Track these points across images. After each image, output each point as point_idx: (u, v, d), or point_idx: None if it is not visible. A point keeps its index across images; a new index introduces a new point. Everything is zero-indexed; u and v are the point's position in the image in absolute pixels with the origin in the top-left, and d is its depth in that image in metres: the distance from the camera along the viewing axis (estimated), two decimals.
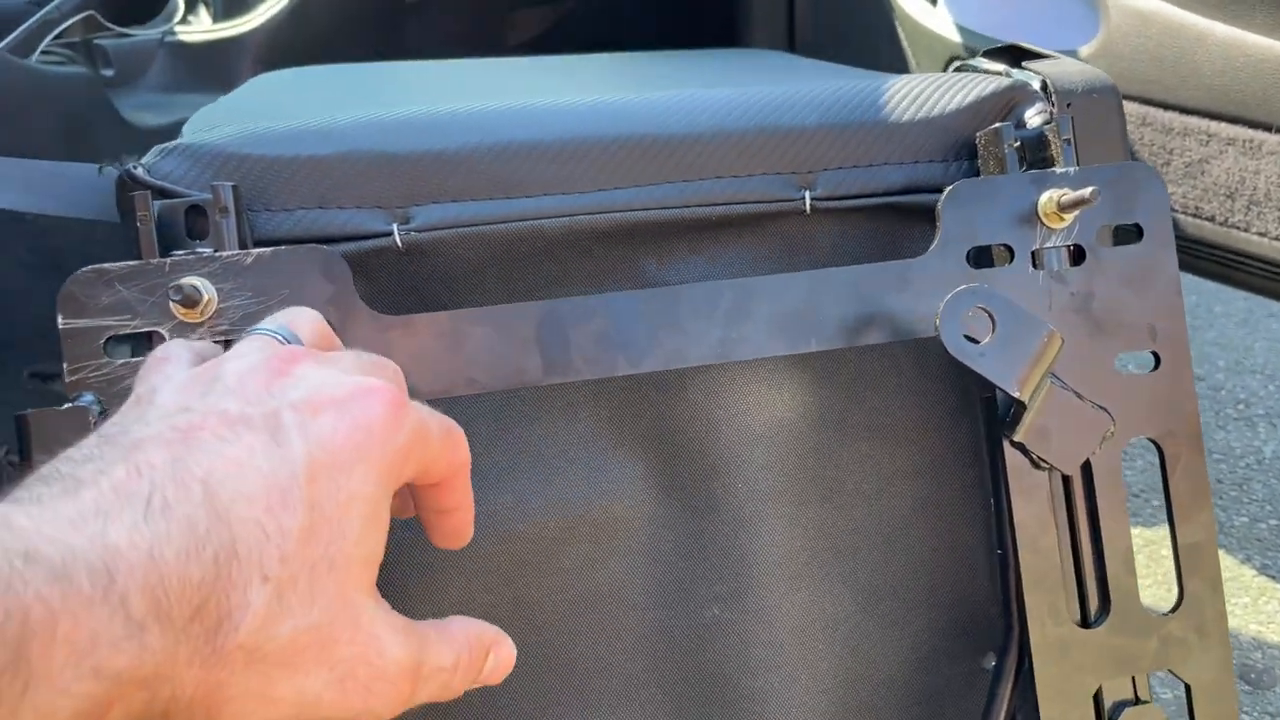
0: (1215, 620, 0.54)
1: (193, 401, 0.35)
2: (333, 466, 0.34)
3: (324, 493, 0.33)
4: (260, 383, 0.35)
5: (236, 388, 0.35)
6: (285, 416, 0.34)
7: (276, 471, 0.33)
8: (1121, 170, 0.53)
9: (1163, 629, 0.54)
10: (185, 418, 0.34)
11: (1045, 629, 0.53)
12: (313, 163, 0.51)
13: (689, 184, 0.54)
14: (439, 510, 0.40)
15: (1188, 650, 0.54)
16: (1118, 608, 0.53)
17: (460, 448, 0.39)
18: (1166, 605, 0.54)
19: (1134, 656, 0.53)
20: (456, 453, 0.39)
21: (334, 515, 0.34)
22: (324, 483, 0.33)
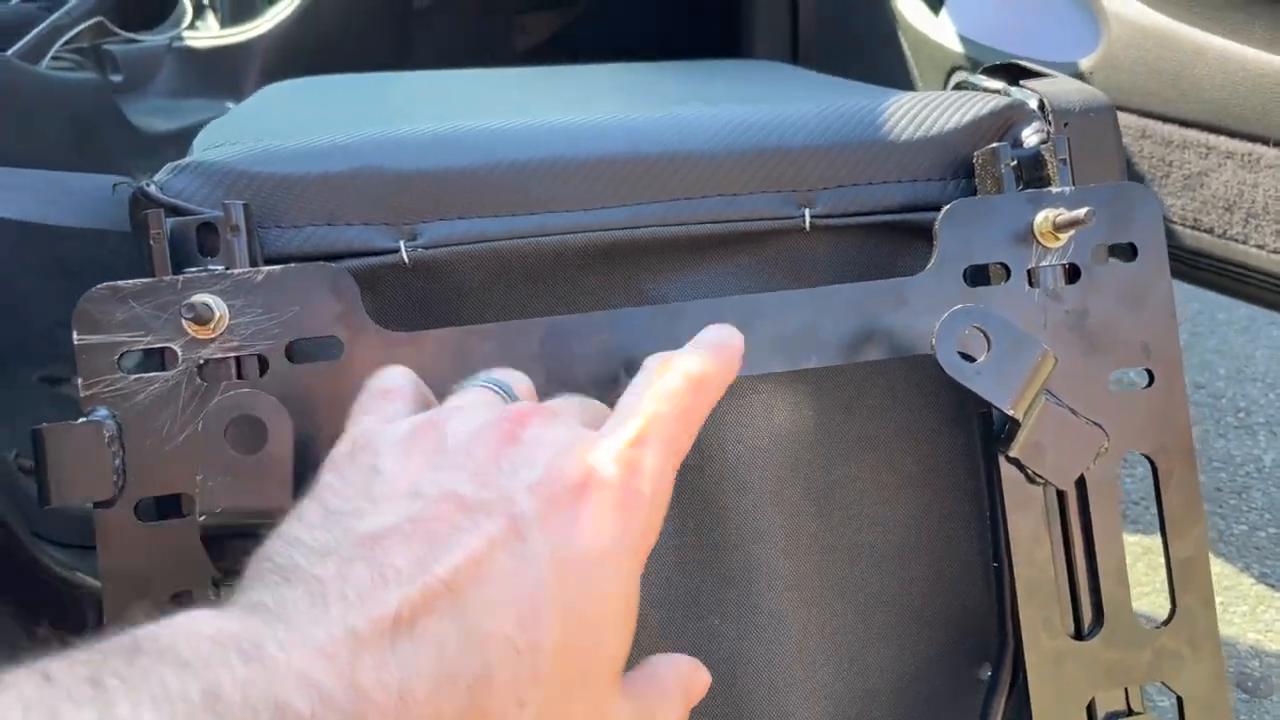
0: (1207, 633, 0.55)
1: (423, 479, 0.32)
2: (582, 563, 0.30)
3: (575, 595, 0.30)
4: (489, 453, 0.32)
5: (466, 460, 0.32)
6: (523, 503, 0.31)
7: (521, 573, 0.29)
8: (1117, 190, 0.54)
9: (1155, 641, 0.54)
10: (420, 506, 0.30)
11: (1040, 641, 0.54)
12: (321, 181, 0.52)
13: (691, 202, 0.55)
14: None
15: (1180, 663, 0.54)
16: (1111, 621, 0.54)
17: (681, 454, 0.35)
18: (1164, 614, 0.55)
19: (1127, 669, 0.54)
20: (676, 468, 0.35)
21: (589, 621, 0.30)
22: (574, 584, 0.30)
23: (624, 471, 0.32)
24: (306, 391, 0.47)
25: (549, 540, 0.30)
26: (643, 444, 0.33)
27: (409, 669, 0.27)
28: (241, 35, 1.72)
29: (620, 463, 0.32)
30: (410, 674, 0.27)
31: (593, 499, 0.31)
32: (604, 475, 0.32)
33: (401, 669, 0.27)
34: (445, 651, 0.28)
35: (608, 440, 0.34)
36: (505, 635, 0.29)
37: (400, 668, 0.27)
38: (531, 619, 0.29)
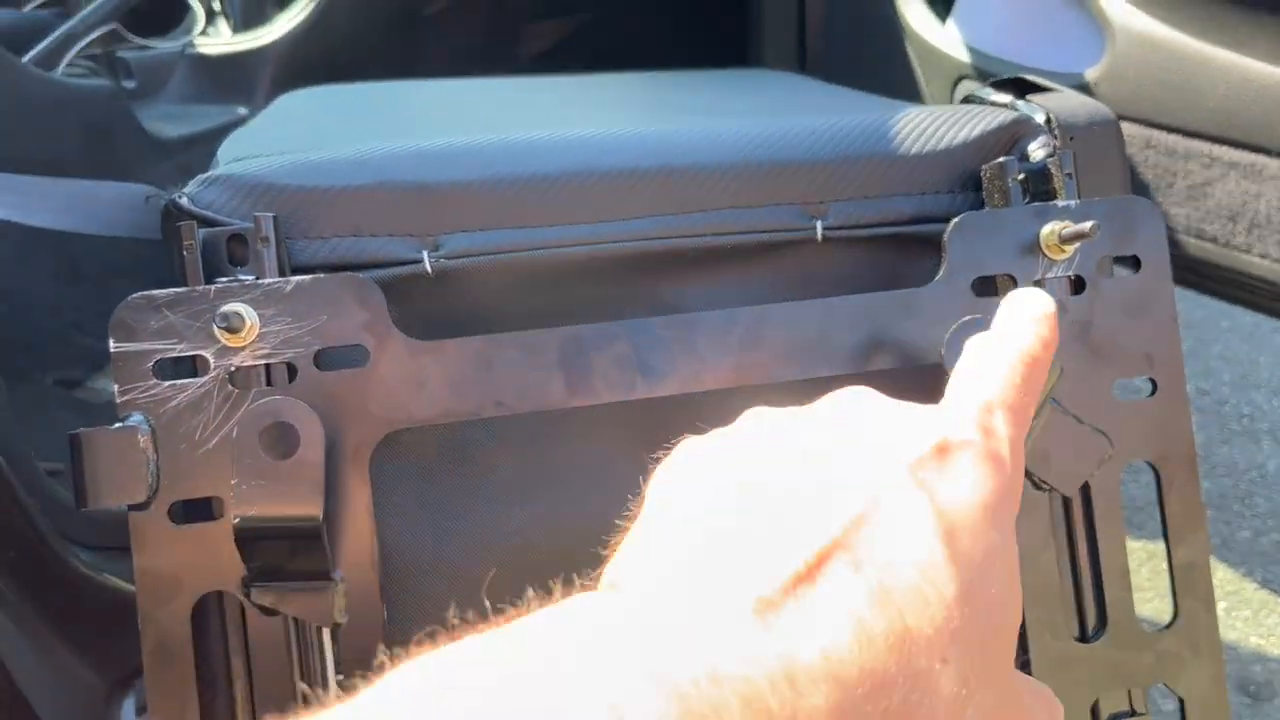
0: (1208, 636, 0.56)
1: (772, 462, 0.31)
2: (962, 516, 0.29)
3: (964, 547, 0.29)
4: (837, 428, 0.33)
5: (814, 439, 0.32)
6: (888, 467, 0.30)
7: (906, 527, 0.28)
8: (1121, 204, 0.56)
9: (1158, 644, 0.56)
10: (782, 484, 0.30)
11: (1045, 643, 0.55)
12: (348, 193, 0.53)
13: (706, 214, 0.56)
14: None
15: (1182, 665, 0.56)
16: (1114, 624, 0.55)
17: None
18: (1168, 617, 0.56)
19: (1130, 671, 0.56)
20: None
21: (983, 573, 0.29)
22: (960, 536, 0.29)
23: (980, 432, 0.32)
24: (333, 398, 0.49)
25: (924, 499, 0.29)
26: (991, 411, 0.33)
27: (825, 626, 0.26)
28: (253, 42, 1.74)
29: (975, 425, 0.32)
30: (827, 631, 0.26)
31: (955, 457, 0.31)
32: (962, 436, 0.32)
33: (819, 629, 0.26)
34: (856, 606, 0.26)
35: (956, 407, 0.33)
36: (911, 585, 0.27)
37: (816, 626, 0.26)
38: (930, 568, 0.28)
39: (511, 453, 0.56)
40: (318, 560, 0.47)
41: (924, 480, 0.30)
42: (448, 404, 0.50)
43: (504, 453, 0.56)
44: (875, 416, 0.33)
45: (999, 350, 0.36)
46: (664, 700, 0.23)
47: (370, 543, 0.49)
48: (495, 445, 0.55)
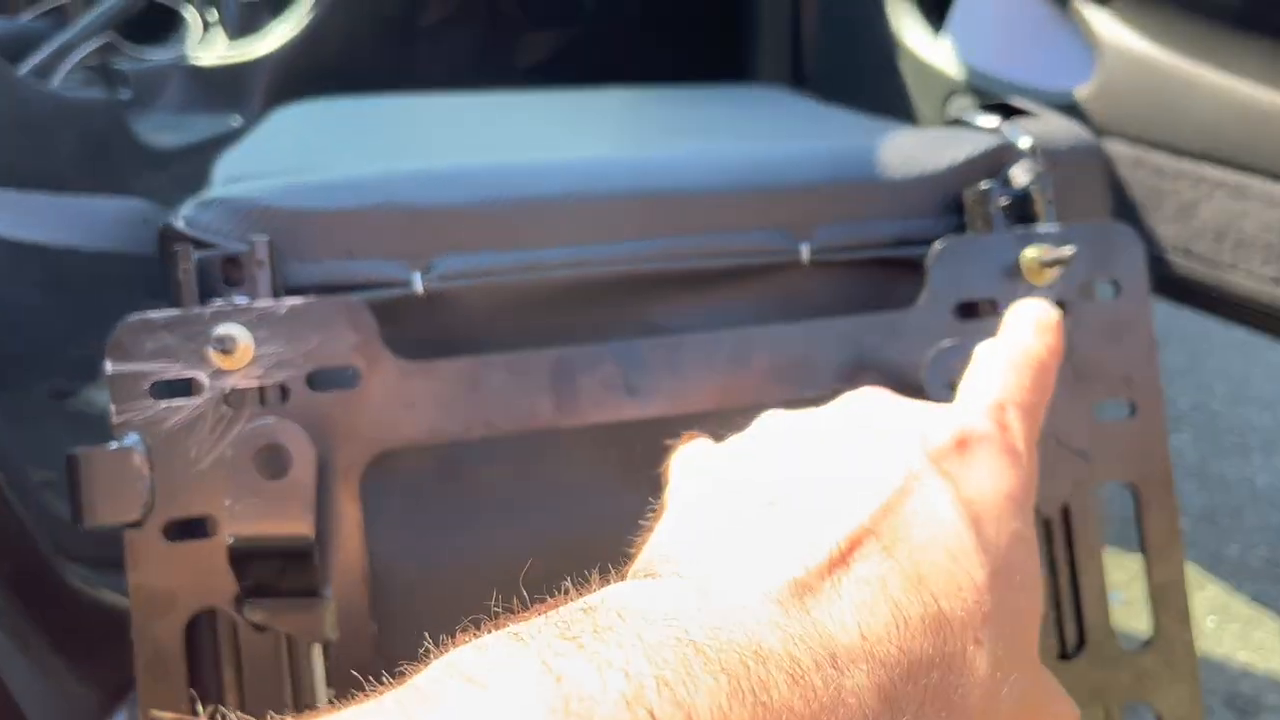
0: (1184, 653, 0.57)
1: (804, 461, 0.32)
2: (985, 503, 0.31)
3: (989, 534, 0.30)
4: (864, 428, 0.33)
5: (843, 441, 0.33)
6: (912, 461, 0.31)
7: (934, 514, 0.29)
8: (1102, 230, 0.57)
9: (1136, 663, 0.57)
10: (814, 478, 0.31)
11: None
12: (341, 216, 0.54)
13: (693, 237, 0.57)
14: None
15: (1159, 682, 0.57)
16: (1093, 642, 0.56)
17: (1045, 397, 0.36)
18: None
19: (1108, 688, 0.56)
20: None
21: (1008, 560, 0.30)
22: (985, 523, 0.30)
23: (996, 427, 0.33)
24: (325, 418, 0.50)
25: (948, 487, 0.30)
26: (1004, 408, 0.35)
27: (862, 608, 0.26)
28: (249, 53, 1.75)
29: (991, 419, 0.33)
30: (865, 613, 0.26)
31: (975, 449, 0.32)
32: (980, 430, 0.33)
33: (856, 610, 0.26)
34: (890, 589, 0.27)
35: (972, 404, 0.35)
36: (942, 569, 0.28)
37: (854, 609, 0.26)
38: (960, 553, 0.29)
39: (502, 471, 0.57)
40: (309, 578, 0.48)
41: (947, 470, 0.30)
42: (437, 424, 0.51)
43: (494, 471, 0.57)
44: (892, 411, 0.34)
45: (1009, 353, 0.38)
46: (712, 677, 0.23)
47: (361, 560, 0.50)
48: (485, 464, 0.56)
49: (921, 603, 0.27)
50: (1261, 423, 1.60)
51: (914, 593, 0.27)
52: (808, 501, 0.30)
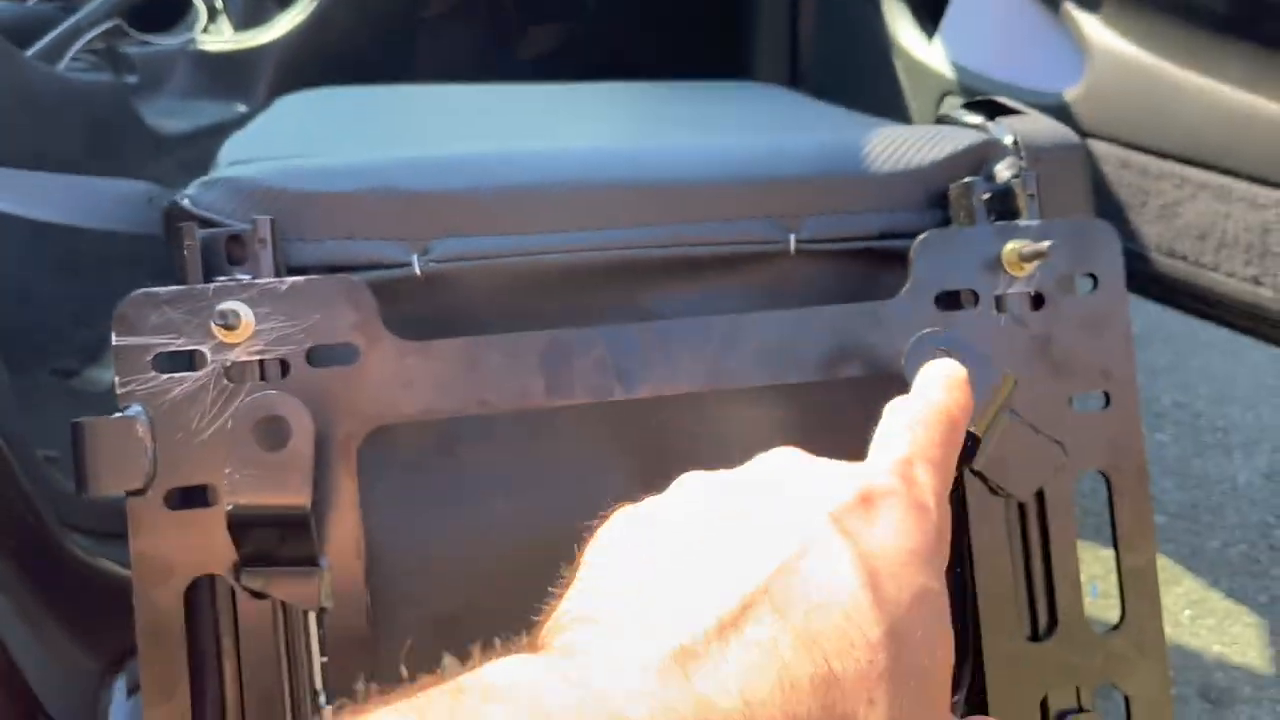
0: (1154, 638, 0.59)
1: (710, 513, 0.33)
2: (887, 562, 0.30)
3: (889, 593, 0.30)
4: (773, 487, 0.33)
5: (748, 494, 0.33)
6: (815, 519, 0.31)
7: (832, 574, 0.29)
8: (1081, 226, 0.58)
9: (1106, 645, 0.58)
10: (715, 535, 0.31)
11: (998, 643, 0.58)
12: (342, 198, 0.56)
13: (684, 225, 0.59)
14: None
15: (1129, 665, 0.59)
16: (1065, 625, 0.58)
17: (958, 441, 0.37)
18: None
19: (1079, 670, 0.58)
20: None
21: (910, 619, 0.30)
22: (886, 582, 0.30)
23: (902, 482, 0.33)
24: (324, 393, 0.51)
25: (848, 545, 0.30)
26: (912, 463, 0.35)
27: (748, 673, 0.26)
28: (254, 40, 1.76)
29: (896, 475, 0.33)
30: (751, 678, 0.26)
31: (879, 506, 0.32)
32: (885, 485, 0.33)
33: (740, 675, 0.26)
34: (780, 651, 0.27)
35: (878, 461, 0.34)
36: (837, 629, 0.28)
37: (739, 674, 0.26)
38: (856, 613, 0.28)
39: (497, 447, 0.59)
40: (305, 547, 0.50)
41: (848, 528, 0.30)
42: (433, 402, 0.52)
43: (489, 447, 0.58)
44: (801, 473, 0.34)
45: (918, 410, 0.38)
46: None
47: (356, 531, 0.52)
48: (481, 440, 0.58)
49: (812, 663, 0.27)
50: (1244, 421, 1.63)
51: (805, 653, 0.27)
52: (706, 566, 0.30)
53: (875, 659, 0.28)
